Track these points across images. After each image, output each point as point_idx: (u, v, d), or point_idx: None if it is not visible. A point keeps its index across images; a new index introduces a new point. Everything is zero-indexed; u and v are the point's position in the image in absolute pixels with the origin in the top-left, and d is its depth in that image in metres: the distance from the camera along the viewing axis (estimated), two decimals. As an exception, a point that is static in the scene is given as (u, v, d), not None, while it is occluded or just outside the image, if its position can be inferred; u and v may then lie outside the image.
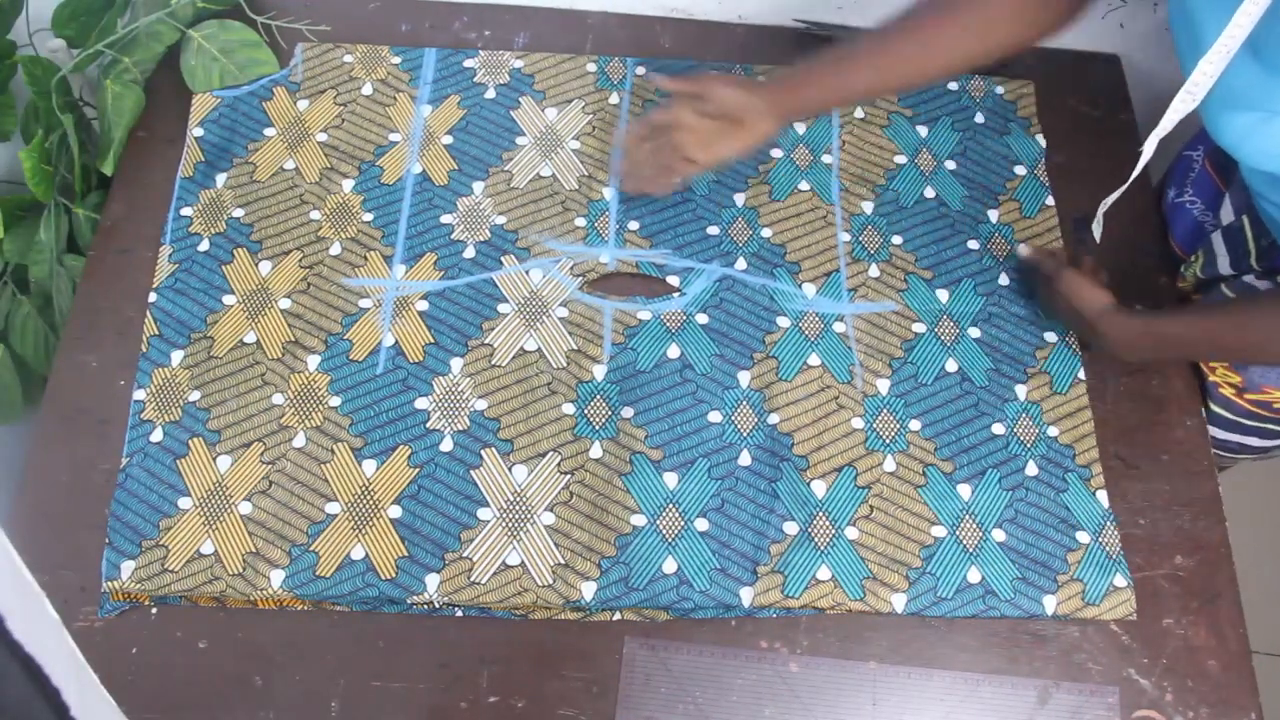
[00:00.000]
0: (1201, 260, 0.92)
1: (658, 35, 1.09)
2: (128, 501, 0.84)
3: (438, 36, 1.08)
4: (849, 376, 0.91)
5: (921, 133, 1.04)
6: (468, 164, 1.00)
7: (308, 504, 0.84)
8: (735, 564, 0.82)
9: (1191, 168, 0.98)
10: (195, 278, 0.93)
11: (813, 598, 0.81)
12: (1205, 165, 0.96)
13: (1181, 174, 1.00)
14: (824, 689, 0.80)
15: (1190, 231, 0.97)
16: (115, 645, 0.80)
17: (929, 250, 0.97)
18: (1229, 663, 0.81)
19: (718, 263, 0.96)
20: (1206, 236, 0.94)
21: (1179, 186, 0.99)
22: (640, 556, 0.82)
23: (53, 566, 0.82)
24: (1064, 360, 0.92)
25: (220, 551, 0.82)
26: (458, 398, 0.89)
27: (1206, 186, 0.95)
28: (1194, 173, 0.98)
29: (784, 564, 0.82)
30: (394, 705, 0.79)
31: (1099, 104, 1.07)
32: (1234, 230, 0.88)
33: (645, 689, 0.80)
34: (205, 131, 1.00)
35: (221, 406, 0.88)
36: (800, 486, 0.86)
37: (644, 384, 0.90)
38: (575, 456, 0.86)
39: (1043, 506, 0.86)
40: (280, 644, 0.81)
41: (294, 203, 0.97)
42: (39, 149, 0.92)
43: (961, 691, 0.80)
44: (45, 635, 0.35)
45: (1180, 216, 0.99)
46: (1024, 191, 1.01)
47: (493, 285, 0.94)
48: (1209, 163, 0.96)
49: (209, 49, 1.01)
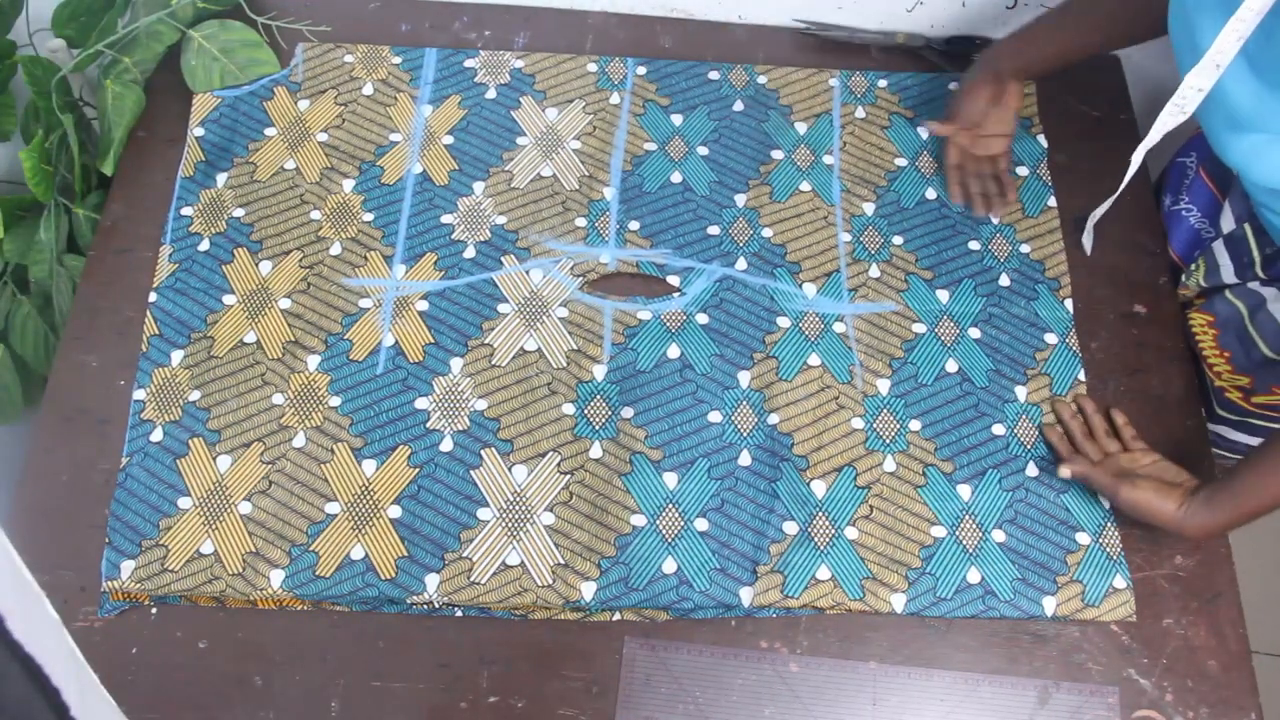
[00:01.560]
0: (1203, 268, 0.92)
1: (658, 35, 1.09)
2: (128, 501, 0.84)
3: (438, 36, 1.08)
4: (849, 377, 0.91)
5: (923, 134, 1.04)
6: (468, 164, 1.00)
7: (308, 504, 0.84)
8: (735, 564, 0.82)
9: (1186, 175, 0.98)
10: (195, 277, 0.93)
11: (812, 598, 0.81)
12: (1200, 173, 0.96)
13: (1176, 181, 0.99)
14: (824, 689, 0.80)
15: (1188, 240, 0.97)
16: (115, 645, 0.80)
17: (929, 251, 0.97)
18: (1229, 663, 0.81)
19: (718, 263, 0.96)
20: (1205, 244, 0.93)
21: (1174, 194, 0.99)
22: (640, 556, 0.82)
23: (53, 566, 0.82)
24: (1064, 361, 0.92)
25: (220, 551, 0.82)
26: (458, 398, 0.89)
27: (1203, 194, 0.95)
28: (1189, 180, 0.97)
29: (784, 564, 0.82)
30: (394, 705, 0.79)
31: (1099, 104, 1.07)
32: (1236, 239, 0.88)
33: (645, 689, 0.80)
34: (206, 131, 1.00)
35: (221, 406, 0.88)
36: (800, 486, 0.86)
37: (644, 384, 0.90)
38: (575, 456, 0.86)
39: (1042, 508, 0.86)
40: (280, 644, 0.81)
41: (294, 202, 0.97)
42: (39, 149, 0.92)
43: (961, 691, 0.80)
44: (45, 635, 0.35)
45: (1177, 224, 0.98)
46: (1026, 191, 1.01)
47: (493, 285, 0.94)
48: (1204, 171, 0.95)
49: (209, 49, 1.01)
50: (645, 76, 1.05)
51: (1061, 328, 0.94)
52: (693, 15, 1.11)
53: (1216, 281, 0.91)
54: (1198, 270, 0.92)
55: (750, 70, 1.06)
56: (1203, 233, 0.95)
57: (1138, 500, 0.79)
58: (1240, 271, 0.88)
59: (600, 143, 1.01)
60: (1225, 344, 0.90)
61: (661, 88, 1.05)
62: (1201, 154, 0.97)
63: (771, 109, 1.04)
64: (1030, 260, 0.97)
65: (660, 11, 1.11)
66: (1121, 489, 0.80)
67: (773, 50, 1.09)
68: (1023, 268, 0.97)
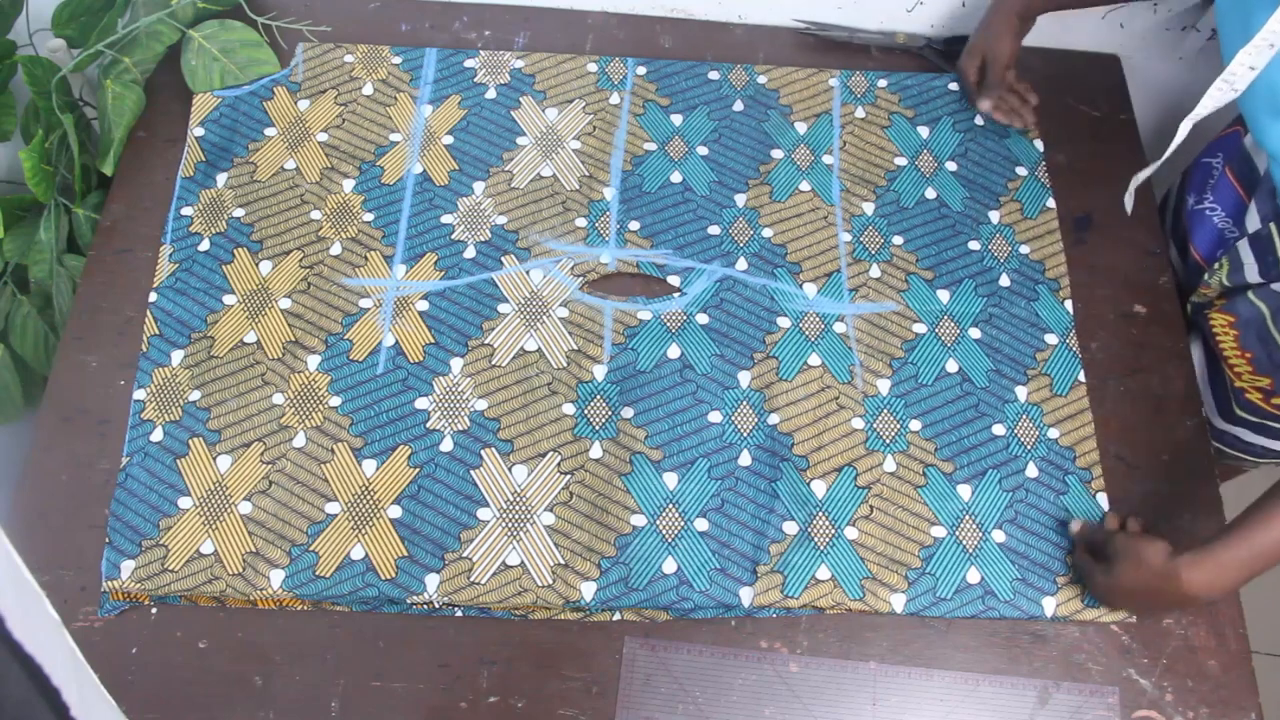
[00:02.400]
0: (1226, 268, 0.91)
1: (658, 35, 1.09)
2: (128, 501, 0.84)
3: (437, 36, 1.08)
4: (849, 377, 0.91)
5: (923, 134, 1.04)
6: (468, 164, 1.00)
7: (308, 504, 0.84)
8: (735, 564, 0.82)
9: (1211, 174, 0.98)
10: (195, 277, 0.93)
11: (812, 597, 0.81)
12: (1226, 173, 0.95)
13: (1200, 181, 0.99)
14: (824, 689, 0.80)
15: (1211, 239, 0.96)
16: (115, 645, 0.80)
17: (930, 251, 0.97)
18: (1229, 663, 0.81)
19: (718, 263, 0.96)
20: (1229, 244, 0.93)
21: (1198, 193, 0.99)
22: (640, 556, 0.82)
23: (53, 566, 0.82)
24: (1064, 362, 0.92)
25: (220, 551, 0.82)
26: (458, 398, 0.89)
27: (1228, 195, 0.95)
28: (1214, 179, 0.97)
29: (784, 564, 0.82)
30: (394, 705, 0.79)
31: (1099, 104, 1.07)
32: (1262, 238, 0.87)
33: (645, 689, 0.80)
34: (206, 131, 1.00)
35: (222, 406, 0.88)
36: (800, 486, 0.86)
37: (644, 384, 0.90)
38: (575, 457, 0.86)
39: (1042, 509, 0.86)
40: (280, 644, 0.81)
41: (294, 202, 0.97)
42: (39, 149, 0.92)
43: (961, 691, 0.80)
44: (45, 635, 0.35)
45: (1200, 224, 0.98)
46: (1025, 192, 1.01)
47: (493, 285, 0.94)
48: (1230, 171, 0.95)
49: (209, 49, 1.01)
50: (645, 76, 1.05)
51: (1062, 328, 0.94)
52: (693, 15, 1.11)
53: (1240, 281, 0.90)
54: (1221, 269, 0.92)
55: (750, 70, 1.06)
56: (1226, 233, 0.95)
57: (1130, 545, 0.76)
58: (1265, 271, 0.87)
59: (600, 143, 1.01)
60: (1247, 345, 0.89)
61: (662, 88, 1.05)
62: (1228, 154, 0.96)
63: (771, 109, 1.04)
64: (1030, 261, 0.97)
65: (660, 11, 1.11)
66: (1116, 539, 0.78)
67: (772, 50, 1.09)
68: (1022, 268, 0.97)
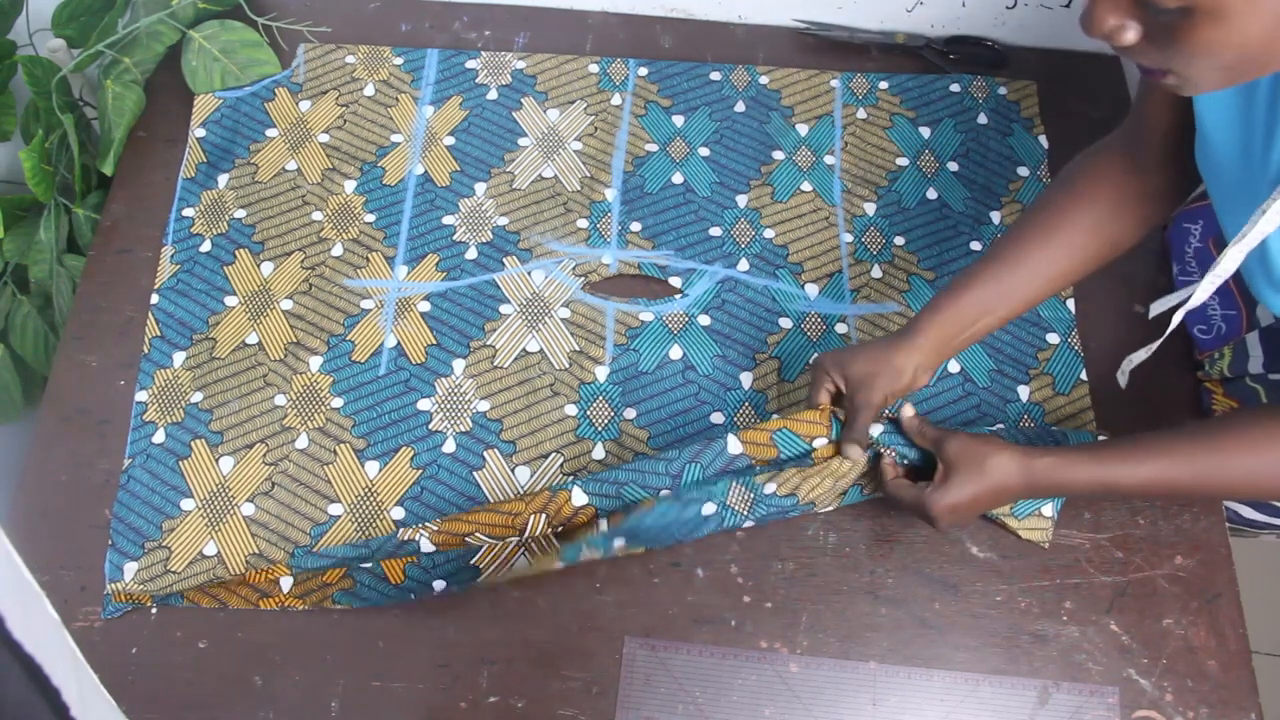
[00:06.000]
0: (1229, 358, 0.87)
1: (658, 35, 1.09)
2: (130, 503, 0.84)
3: (438, 36, 1.08)
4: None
5: (924, 134, 1.04)
6: (470, 165, 1.00)
7: (310, 505, 0.84)
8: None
9: (1188, 242, 0.94)
10: (197, 278, 0.93)
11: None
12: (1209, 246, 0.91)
13: (1179, 248, 0.95)
14: (824, 689, 0.80)
15: (1199, 313, 0.92)
16: (115, 645, 0.80)
17: (931, 251, 0.97)
18: (1229, 663, 0.81)
19: (720, 264, 0.96)
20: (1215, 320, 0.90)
21: (1180, 262, 0.94)
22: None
23: (53, 566, 0.83)
24: (1066, 362, 0.92)
25: (223, 553, 0.82)
26: (460, 399, 0.89)
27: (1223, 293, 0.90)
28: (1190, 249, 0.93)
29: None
30: (394, 705, 0.79)
31: (1100, 104, 1.07)
32: (1275, 333, 0.83)
33: (645, 689, 0.80)
34: (207, 132, 1.00)
35: (224, 408, 0.88)
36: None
37: (646, 385, 0.90)
38: (578, 458, 0.86)
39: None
40: (280, 644, 0.81)
41: (296, 203, 0.97)
42: (39, 149, 0.92)
43: (961, 691, 0.80)
44: (45, 635, 0.35)
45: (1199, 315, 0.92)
46: (1027, 193, 1.01)
47: (495, 286, 0.94)
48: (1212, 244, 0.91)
49: (210, 49, 1.01)
50: (647, 77, 1.05)
51: (1063, 327, 0.94)
52: (693, 15, 1.11)
53: (1241, 372, 0.87)
54: (1222, 360, 0.89)
55: (752, 71, 1.06)
56: (1209, 310, 0.91)
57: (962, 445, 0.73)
58: (1270, 364, 0.84)
59: (602, 144, 1.01)
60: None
61: (663, 88, 1.05)
62: (1209, 226, 0.92)
63: (773, 110, 1.04)
64: (1031, 261, 0.97)
65: (660, 11, 1.11)
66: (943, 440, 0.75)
67: (772, 50, 1.09)
68: (1024, 268, 0.97)
